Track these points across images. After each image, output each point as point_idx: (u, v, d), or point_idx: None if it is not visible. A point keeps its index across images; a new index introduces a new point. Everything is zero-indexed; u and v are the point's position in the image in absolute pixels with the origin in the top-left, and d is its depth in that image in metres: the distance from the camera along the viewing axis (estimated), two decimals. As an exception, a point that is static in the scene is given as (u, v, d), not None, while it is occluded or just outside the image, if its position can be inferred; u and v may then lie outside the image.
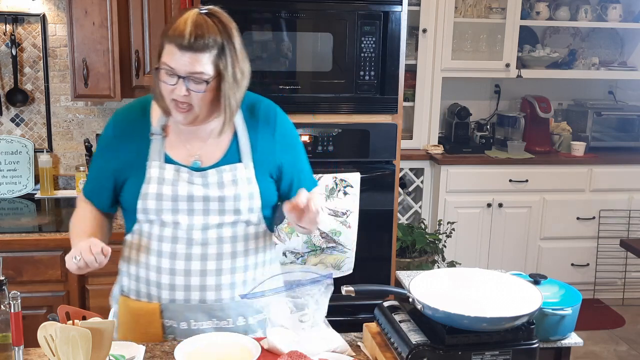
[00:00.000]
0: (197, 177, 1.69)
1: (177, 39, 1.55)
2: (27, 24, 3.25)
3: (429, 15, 4.10)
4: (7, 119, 3.33)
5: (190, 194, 1.67)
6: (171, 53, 1.57)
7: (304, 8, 2.87)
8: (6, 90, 3.29)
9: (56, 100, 3.35)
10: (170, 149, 1.71)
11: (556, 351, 1.92)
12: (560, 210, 4.24)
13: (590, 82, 4.63)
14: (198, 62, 1.57)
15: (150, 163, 1.69)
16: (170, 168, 1.69)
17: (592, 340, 3.86)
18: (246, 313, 1.75)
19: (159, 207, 1.67)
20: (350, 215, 2.88)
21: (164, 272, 1.69)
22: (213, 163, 1.71)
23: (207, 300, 1.71)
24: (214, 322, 1.72)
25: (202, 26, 1.56)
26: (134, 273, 1.74)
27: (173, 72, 1.58)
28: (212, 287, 1.71)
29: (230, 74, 1.61)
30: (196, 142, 1.72)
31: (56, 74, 3.32)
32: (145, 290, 1.72)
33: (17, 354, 1.42)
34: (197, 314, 1.71)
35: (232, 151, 1.73)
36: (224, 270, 1.71)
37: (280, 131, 1.78)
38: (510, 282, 1.61)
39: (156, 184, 1.67)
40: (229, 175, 1.70)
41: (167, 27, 1.61)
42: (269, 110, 1.80)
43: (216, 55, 1.58)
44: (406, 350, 1.44)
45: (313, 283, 1.64)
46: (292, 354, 1.52)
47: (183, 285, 1.70)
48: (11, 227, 2.82)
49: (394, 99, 2.96)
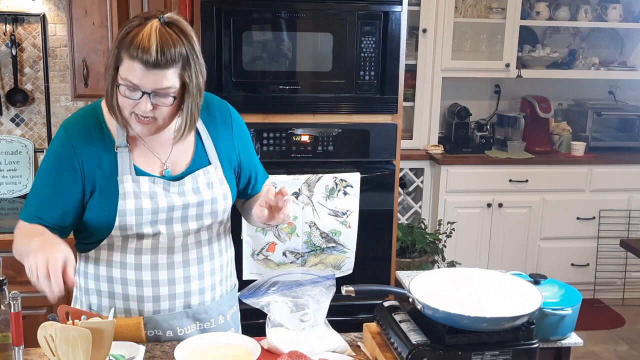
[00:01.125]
0: (173, 186, 1.63)
1: (142, 56, 1.46)
2: (27, 24, 3.25)
3: (429, 15, 4.10)
4: (7, 119, 3.33)
5: (170, 205, 1.62)
6: (134, 70, 1.48)
7: (304, 8, 2.86)
8: (6, 90, 3.29)
9: (56, 100, 3.35)
10: (138, 160, 1.63)
11: (556, 351, 1.92)
12: (560, 210, 4.24)
13: (590, 82, 4.63)
14: (165, 78, 1.50)
15: (122, 177, 1.60)
16: (145, 180, 1.61)
17: (592, 340, 3.86)
18: (224, 311, 1.76)
19: (139, 221, 1.61)
20: (350, 215, 2.88)
21: (145, 284, 1.65)
22: (184, 169, 1.67)
23: (192, 305, 1.70)
24: (198, 325, 1.71)
25: (167, 41, 1.48)
26: (106, 290, 1.66)
27: (137, 88, 1.50)
28: (196, 292, 1.69)
29: (194, 84, 1.56)
30: (162, 151, 1.66)
31: (56, 74, 3.32)
32: (122, 306, 1.66)
33: (17, 354, 1.42)
34: (182, 320, 1.69)
35: (199, 154, 1.69)
36: (205, 273, 1.70)
37: (236, 127, 1.77)
38: (510, 282, 1.61)
39: (133, 199, 1.60)
40: (203, 180, 1.67)
41: (126, 38, 1.50)
42: (222, 106, 1.77)
43: (181, 68, 1.52)
44: (406, 350, 1.44)
45: (314, 283, 1.64)
46: (292, 354, 1.52)
47: (168, 295, 1.66)
48: (11, 227, 2.80)
49: (394, 99, 2.96)
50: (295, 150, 2.90)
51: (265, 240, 2.83)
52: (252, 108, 2.85)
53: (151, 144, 1.65)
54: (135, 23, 1.52)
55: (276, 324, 1.64)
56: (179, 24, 1.54)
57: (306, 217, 2.83)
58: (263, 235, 2.82)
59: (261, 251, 2.84)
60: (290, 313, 1.64)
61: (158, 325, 1.67)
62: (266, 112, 2.88)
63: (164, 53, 1.47)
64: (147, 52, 1.46)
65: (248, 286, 1.73)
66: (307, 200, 2.83)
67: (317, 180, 2.84)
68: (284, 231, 2.83)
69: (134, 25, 1.51)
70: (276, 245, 2.84)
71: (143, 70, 1.48)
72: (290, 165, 2.89)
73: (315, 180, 2.83)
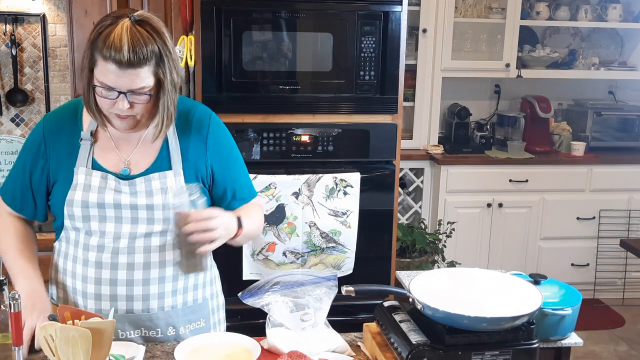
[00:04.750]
0: (124, 185, 1.64)
1: (115, 56, 1.48)
2: (27, 24, 3.25)
3: (429, 15, 4.10)
4: (7, 119, 3.33)
5: (117, 202, 1.62)
6: (108, 71, 1.50)
7: (304, 8, 2.86)
8: (6, 90, 3.29)
9: (56, 100, 3.35)
10: (100, 155, 1.66)
11: (556, 351, 1.92)
12: (560, 210, 4.24)
13: (590, 82, 4.63)
14: (139, 77, 1.51)
15: (77, 169, 1.64)
16: (97, 175, 1.64)
17: (592, 340, 3.86)
18: (176, 323, 1.72)
19: (85, 213, 1.63)
20: (350, 215, 2.88)
21: (89, 281, 1.65)
22: (142, 170, 1.66)
23: (135, 310, 1.67)
24: (142, 331, 1.69)
25: (138, 40, 1.49)
26: (61, 281, 1.71)
27: (112, 89, 1.52)
28: (140, 297, 1.67)
29: (169, 81, 1.56)
30: (126, 149, 1.67)
31: (56, 74, 3.33)
32: (72, 300, 1.68)
33: (17, 354, 1.42)
34: (124, 324, 1.67)
35: (162, 158, 1.68)
36: (151, 279, 1.67)
37: (212, 137, 1.73)
38: (510, 282, 1.61)
39: (82, 191, 1.63)
40: (158, 184, 1.65)
41: (98, 39, 1.51)
42: (203, 116, 1.74)
43: (155, 65, 1.53)
44: (406, 350, 1.44)
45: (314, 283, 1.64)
46: (292, 354, 1.52)
47: (109, 295, 1.66)
48: (11, 227, 2.82)
49: (394, 99, 2.96)
50: (295, 150, 2.90)
51: (265, 240, 2.83)
52: (252, 108, 2.85)
53: (118, 141, 1.67)
54: (107, 22, 1.53)
55: (276, 324, 1.64)
56: (150, 22, 1.54)
57: (306, 217, 2.83)
58: (263, 235, 2.82)
59: (261, 251, 2.84)
60: (290, 313, 1.64)
61: None
62: (266, 112, 2.87)
63: (136, 52, 1.48)
64: (120, 52, 1.47)
65: (249, 287, 1.73)
66: (307, 200, 2.83)
67: (317, 180, 2.84)
68: (284, 231, 2.83)
69: (105, 24, 1.52)
70: (276, 245, 2.84)
71: (117, 70, 1.49)
72: (290, 165, 2.89)
73: (315, 180, 2.83)
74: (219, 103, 2.71)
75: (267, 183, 2.79)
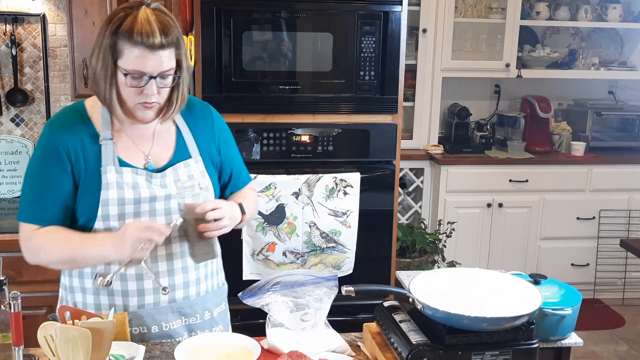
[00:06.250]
0: (155, 178, 1.67)
1: (147, 40, 1.53)
2: (27, 24, 3.25)
3: (429, 15, 4.10)
4: (7, 119, 3.33)
5: (152, 195, 1.65)
6: (138, 57, 1.54)
7: (304, 8, 2.86)
8: (6, 90, 3.29)
9: (56, 100, 3.35)
10: (122, 153, 1.67)
11: (556, 351, 1.92)
12: (560, 210, 4.24)
13: (590, 82, 4.63)
14: (167, 59, 1.58)
15: (105, 168, 1.63)
16: (128, 171, 1.65)
17: (592, 340, 3.86)
18: (210, 307, 1.77)
19: (121, 211, 1.63)
20: (350, 215, 2.88)
21: (130, 278, 1.66)
22: (166, 162, 1.71)
23: (176, 299, 1.71)
24: (184, 320, 1.72)
25: (164, 23, 1.56)
26: (90, 286, 1.68)
27: (143, 75, 1.56)
28: (180, 286, 1.71)
29: (185, 66, 1.64)
30: (145, 144, 1.71)
31: (56, 74, 3.32)
32: (107, 302, 1.67)
33: (17, 354, 1.42)
34: (167, 315, 1.69)
35: (180, 148, 1.74)
36: (189, 267, 1.71)
37: (217, 125, 1.82)
38: (510, 282, 1.61)
39: (116, 189, 1.62)
40: (185, 172, 1.71)
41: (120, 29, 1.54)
42: (203, 106, 1.84)
43: (176, 48, 1.60)
44: (406, 350, 1.44)
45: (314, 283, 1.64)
46: (292, 354, 1.52)
47: (152, 289, 1.67)
48: (11, 227, 2.82)
49: (394, 99, 2.96)
50: (295, 150, 2.90)
51: (265, 240, 2.83)
52: (252, 108, 2.85)
53: (135, 138, 1.69)
54: (124, 14, 1.56)
55: (276, 324, 1.65)
56: (164, 10, 1.62)
57: (306, 217, 2.83)
58: (263, 235, 2.82)
59: (261, 251, 2.84)
60: (290, 313, 1.64)
61: (143, 321, 1.68)
62: (266, 112, 2.87)
63: (166, 35, 1.55)
64: (152, 36, 1.53)
65: (249, 287, 1.73)
66: (307, 200, 2.83)
67: (317, 180, 2.84)
68: (284, 231, 2.83)
69: (122, 16, 1.57)
70: (276, 245, 2.84)
71: (148, 54, 1.54)
72: (290, 165, 2.89)
73: (315, 180, 2.83)
74: (219, 103, 2.69)
75: (267, 183, 2.79)
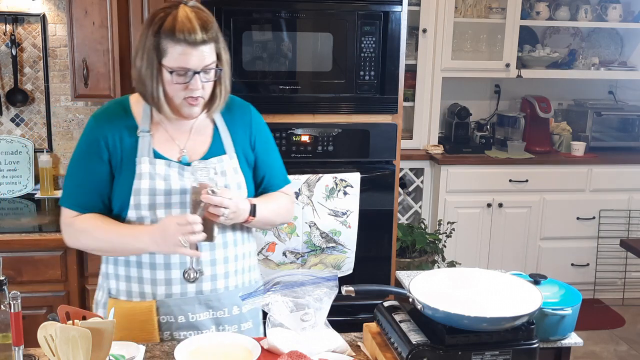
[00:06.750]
0: (187, 172, 1.71)
1: (189, 37, 1.59)
2: (27, 24, 3.25)
3: (429, 15, 4.10)
4: (7, 119, 3.33)
5: (183, 188, 1.69)
6: (182, 54, 1.60)
7: (304, 8, 2.87)
8: (6, 90, 3.29)
9: (56, 100, 3.35)
10: (158, 145, 1.73)
11: (556, 351, 1.92)
12: (560, 210, 4.24)
13: (590, 82, 4.63)
14: (208, 54, 1.63)
15: (140, 159, 1.70)
16: (161, 163, 1.71)
17: (592, 340, 3.86)
18: (240, 303, 1.78)
19: (152, 201, 1.69)
20: (350, 215, 2.88)
21: (158, 267, 1.71)
22: (200, 157, 1.75)
23: (204, 291, 1.73)
24: (211, 313, 1.75)
25: (204, 20, 1.62)
26: (123, 274, 1.75)
27: (188, 70, 1.62)
28: (208, 278, 1.74)
29: (225, 59, 1.70)
30: (182, 138, 1.75)
31: (56, 74, 3.32)
32: (137, 289, 1.73)
33: (17, 354, 1.42)
34: (194, 306, 1.73)
35: (216, 143, 1.77)
36: (217, 260, 1.74)
37: (255, 125, 1.85)
38: (510, 282, 1.61)
39: (148, 179, 1.69)
40: (217, 167, 1.74)
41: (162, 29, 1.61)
42: (243, 104, 1.88)
43: (216, 43, 1.66)
44: (406, 350, 1.44)
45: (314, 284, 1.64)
46: (292, 354, 1.52)
47: (179, 279, 1.71)
48: (11, 227, 2.82)
49: (394, 99, 2.96)
50: (295, 150, 2.90)
51: (265, 240, 2.83)
52: (252, 108, 2.85)
53: (172, 131, 1.75)
54: (164, 14, 1.63)
55: (276, 324, 1.64)
56: (201, 7, 1.68)
57: (306, 217, 2.83)
58: (263, 235, 2.82)
59: (261, 251, 2.84)
60: (290, 313, 1.63)
61: (170, 310, 1.72)
62: (266, 112, 2.83)
63: (206, 30, 1.62)
64: (193, 32, 1.59)
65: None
66: (307, 200, 2.83)
67: (317, 180, 2.84)
68: (284, 231, 2.83)
69: (163, 16, 1.63)
70: (276, 245, 2.85)
71: (190, 50, 1.60)
72: (290, 165, 2.86)
73: (315, 180, 2.83)
74: (219, 103, 2.71)
75: (267, 183, 2.78)
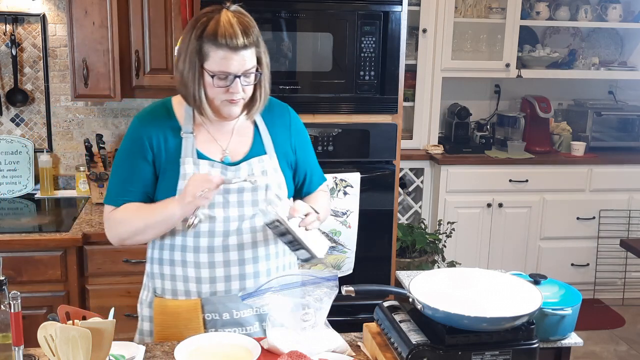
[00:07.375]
0: (230, 171, 1.74)
1: (230, 42, 1.62)
2: (27, 24, 3.25)
3: (429, 15, 4.10)
4: (7, 119, 3.33)
5: (226, 187, 1.71)
6: (223, 58, 1.63)
7: (304, 8, 2.87)
8: (6, 90, 3.29)
9: (56, 100, 3.35)
10: (201, 146, 1.76)
11: (556, 351, 1.92)
12: (560, 210, 4.24)
13: (590, 82, 4.63)
14: (249, 58, 1.66)
15: (184, 160, 1.72)
16: (205, 163, 1.73)
17: (592, 340, 3.86)
18: None
19: None
20: (350, 215, 2.88)
21: (202, 266, 1.74)
22: (242, 157, 1.78)
23: (247, 288, 1.76)
24: (254, 309, 1.77)
25: (246, 25, 1.66)
26: (168, 273, 1.77)
27: (229, 74, 1.65)
28: (251, 275, 1.76)
29: (265, 62, 1.73)
30: (223, 139, 1.78)
31: (56, 74, 3.32)
32: (182, 288, 1.76)
33: (17, 354, 1.42)
34: (238, 303, 1.75)
35: (257, 144, 1.80)
36: (259, 257, 1.77)
37: (295, 126, 1.89)
38: (510, 282, 1.61)
39: None
40: (259, 167, 1.77)
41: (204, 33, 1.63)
42: (283, 107, 1.91)
43: (256, 47, 1.69)
44: (406, 350, 1.44)
45: (314, 284, 1.64)
46: (292, 354, 1.52)
47: (223, 277, 1.74)
48: (11, 227, 2.82)
49: (394, 99, 2.96)
50: (295, 150, 2.89)
51: (265, 240, 2.83)
52: (252, 108, 2.85)
53: (214, 132, 1.78)
54: (205, 19, 1.66)
55: (276, 324, 1.64)
56: (242, 12, 1.71)
57: (306, 217, 2.83)
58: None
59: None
60: (290, 313, 1.63)
61: (215, 307, 1.75)
62: (266, 112, 2.87)
63: (248, 35, 1.65)
64: (235, 37, 1.62)
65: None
66: (307, 200, 2.83)
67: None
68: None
69: (204, 21, 1.66)
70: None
71: (231, 54, 1.63)
72: (290, 165, 2.89)
73: (315, 180, 2.83)
74: (219, 103, 2.70)
75: (267, 183, 2.78)
